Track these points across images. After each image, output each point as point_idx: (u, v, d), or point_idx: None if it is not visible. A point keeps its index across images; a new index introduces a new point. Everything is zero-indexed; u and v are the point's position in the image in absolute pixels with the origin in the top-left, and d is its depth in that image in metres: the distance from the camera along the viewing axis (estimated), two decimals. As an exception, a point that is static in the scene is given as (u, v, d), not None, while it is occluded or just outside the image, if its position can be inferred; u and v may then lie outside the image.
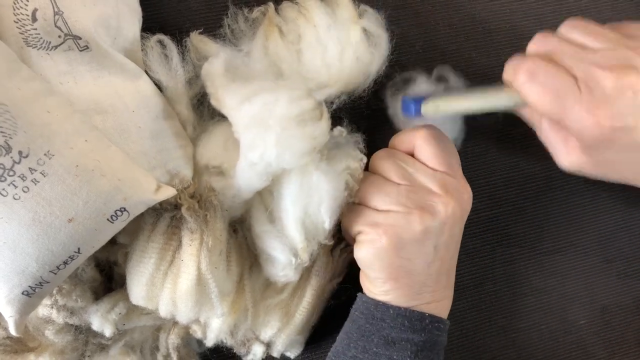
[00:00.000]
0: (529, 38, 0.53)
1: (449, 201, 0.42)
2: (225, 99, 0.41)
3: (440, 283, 0.44)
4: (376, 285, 0.43)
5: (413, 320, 0.42)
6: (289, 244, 0.43)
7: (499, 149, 0.53)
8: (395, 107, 0.50)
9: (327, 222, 0.42)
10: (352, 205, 0.44)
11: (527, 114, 0.45)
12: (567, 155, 0.41)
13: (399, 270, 0.42)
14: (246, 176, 0.40)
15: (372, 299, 0.43)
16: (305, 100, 0.40)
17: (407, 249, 0.41)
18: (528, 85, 0.39)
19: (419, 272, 0.42)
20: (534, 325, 0.54)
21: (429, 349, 0.42)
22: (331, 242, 0.45)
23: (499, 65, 0.54)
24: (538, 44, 0.41)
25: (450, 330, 0.53)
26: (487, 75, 0.52)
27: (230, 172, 0.42)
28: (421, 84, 0.49)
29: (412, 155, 0.44)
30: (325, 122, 0.41)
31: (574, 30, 0.40)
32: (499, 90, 0.43)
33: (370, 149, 0.46)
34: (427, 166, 0.43)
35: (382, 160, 0.44)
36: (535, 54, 0.41)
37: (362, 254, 0.42)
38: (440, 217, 0.41)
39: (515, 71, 0.40)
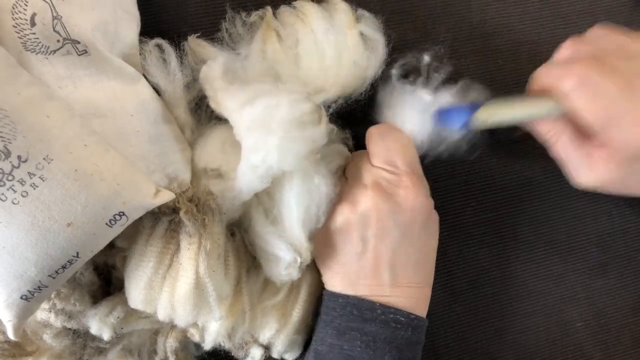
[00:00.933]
0: (526, 41, 0.54)
1: (373, 195, 0.42)
2: (225, 101, 0.41)
3: (381, 279, 0.43)
4: (321, 274, 0.46)
5: (362, 309, 0.42)
6: (292, 244, 0.43)
7: (497, 153, 0.53)
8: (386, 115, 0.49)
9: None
10: None
11: (543, 129, 0.43)
12: (590, 171, 0.39)
13: (330, 259, 0.44)
14: (247, 179, 0.40)
15: (326, 289, 0.45)
16: (305, 104, 0.40)
17: (333, 237, 0.44)
18: (578, 92, 0.37)
19: (349, 262, 0.43)
20: (530, 327, 0.54)
21: (386, 342, 0.42)
22: None
23: (496, 69, 0.54)
24: (573, 48, 0.40)
25: (447, 332, 0.53)
26: (486, 79, 0.52)
27: (230, 174, 0.42)
28: (444, 96, 0.46)
29: None
30: (325, 125, 0.41)
31: (607, 34, 0.39)
32: (539, 99, 0.39)
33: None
34: (369, 163, 0.45)
35: (350, 160, 0.47)
36: (584, 57, 0.38)
37: None
38: (359, 209, 0.42)
39: (563, 76, 0.38)
